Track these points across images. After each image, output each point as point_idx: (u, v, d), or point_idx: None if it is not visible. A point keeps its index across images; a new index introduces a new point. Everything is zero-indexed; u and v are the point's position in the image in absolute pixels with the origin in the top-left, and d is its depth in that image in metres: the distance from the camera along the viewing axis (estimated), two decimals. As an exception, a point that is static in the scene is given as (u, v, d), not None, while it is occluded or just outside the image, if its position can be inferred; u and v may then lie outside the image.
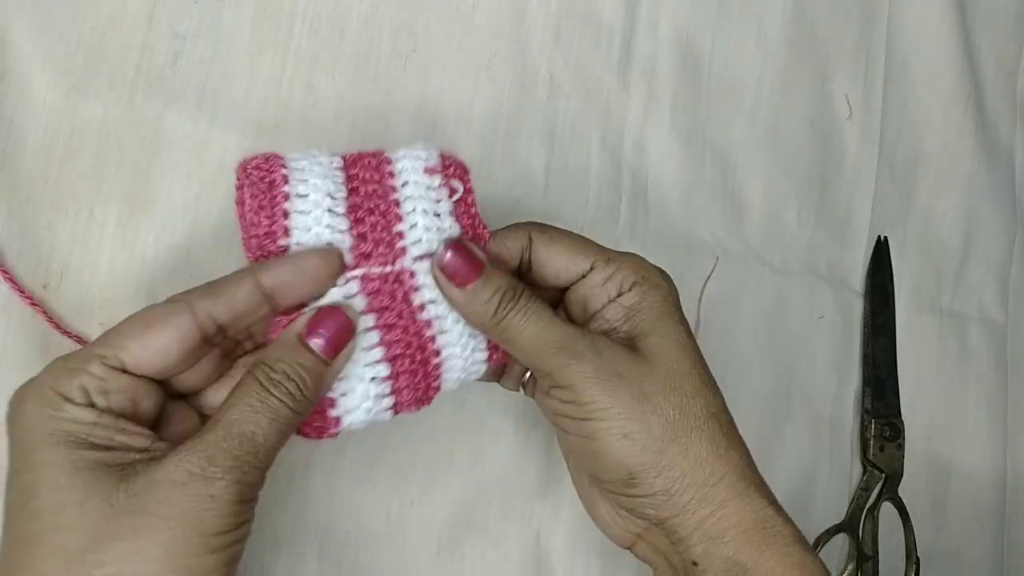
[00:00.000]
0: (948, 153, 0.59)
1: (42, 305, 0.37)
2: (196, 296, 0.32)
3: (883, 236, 0.56)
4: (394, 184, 0.36)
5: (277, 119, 0.42)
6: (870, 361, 0.55)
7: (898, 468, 0.54)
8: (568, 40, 0.48)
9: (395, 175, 0.36)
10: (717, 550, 0.34)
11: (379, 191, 0.35)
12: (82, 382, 0.29)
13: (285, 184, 0.34)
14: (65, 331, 0.37)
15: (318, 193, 0.34)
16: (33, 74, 0.38)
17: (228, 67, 0.41)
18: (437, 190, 0.36)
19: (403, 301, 0.35)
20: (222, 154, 0.41)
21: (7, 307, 0.37)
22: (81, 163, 0.38)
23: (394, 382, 0.35)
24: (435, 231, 0.35)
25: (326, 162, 0.35)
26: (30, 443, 0.29)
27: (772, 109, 0.54)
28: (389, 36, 0.44)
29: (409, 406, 0.36)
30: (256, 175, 0.34)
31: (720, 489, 0.34)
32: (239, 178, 0.35)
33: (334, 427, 0.34)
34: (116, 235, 0.39)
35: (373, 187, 0.35)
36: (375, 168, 0.36)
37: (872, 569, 0.53)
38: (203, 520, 0.28)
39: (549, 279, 0.38)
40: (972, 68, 0.60)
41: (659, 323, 0.36)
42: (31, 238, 0.38)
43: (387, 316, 0.35)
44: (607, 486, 0.36)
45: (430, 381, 0.36)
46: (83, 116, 0.38)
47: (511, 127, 0.47)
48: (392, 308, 0.35)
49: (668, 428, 0.34)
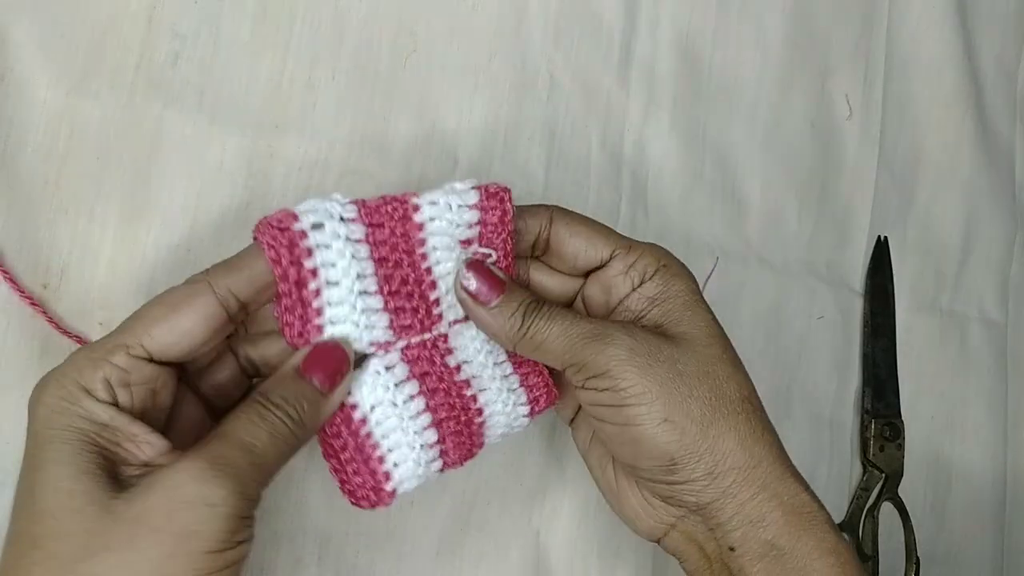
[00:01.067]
0: (948, 153, 0.59)
1: (42, 305, 0.37)
2: (216, 274, 0.31)
3: (883, 236, 0.56)
4: (423, 243, 0.34)
5: (277, 119, 0.42)
6: (870, 361, 0.55)
7: (898, 468, 0.54)
8: (568, 40, 0.48)
9: (423, 229, 0.34)
10: (756, 534, 0.34)
11: (408, 259, 0.34)
12: (105, 374, 0.29)
13: (314, 279, 0.32)
14: (65, 331, 0.37)
15: (348, 278, 0.33)
16: (33, 74, 0.38)
17: (228, 67, 0.41)
18: (467, 248, 0.35)
19: (441, 365, 0.35)
20: (222, 154, 0.41)
21: (7, 307, 0.37)
22: (81, 163, 0.38)
23: (442, 445, 0.35)
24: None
25: (347, 231, 0.32)
26: (44, 438, 0.29)
27: (772, 109, 0.54)
28: (389, 36, 0.44)
29: (455, 464, 0.36)
30: (282, 266, 0.32)
31: (760, 472, 0.34)
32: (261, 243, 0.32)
33: (389, 499, 0.34)
34: (116, 235, 0.39)
35: (401, 254, 0.34)
36: (401, 223, 0.34)
37: (872, 569, 0.53)
38: (198, 533, 0.27)
39: (566, 261, 0.38)
40: (972, 68, 0.60)
41: (687, 311, 0.36)
42: (31, 238, 0.38)
43: (429, 381, 0.35)
44: (645, 474, 0.36)
45: (475, 439, 0.36)
46: (83, 116, 0.38)
47: (511, 127, 0.47)
48: (432, 373, 0.35)
49: (707, 411, 0.34)
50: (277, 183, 0.42)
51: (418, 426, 0.34)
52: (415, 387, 0.34)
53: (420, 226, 0.34)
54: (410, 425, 0.34)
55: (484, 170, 0.46)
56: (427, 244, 0.34)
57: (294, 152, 0.42)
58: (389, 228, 0.33)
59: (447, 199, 0.34)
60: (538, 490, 0.45)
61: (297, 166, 0.42)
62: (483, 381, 0.36)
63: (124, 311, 0.39)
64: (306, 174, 0.42)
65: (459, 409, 0.35)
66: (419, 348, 0.35)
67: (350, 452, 0.34)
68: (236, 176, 0.41)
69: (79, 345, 0.38)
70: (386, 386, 0.34)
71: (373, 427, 0.34)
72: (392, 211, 0.34)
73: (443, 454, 0.35)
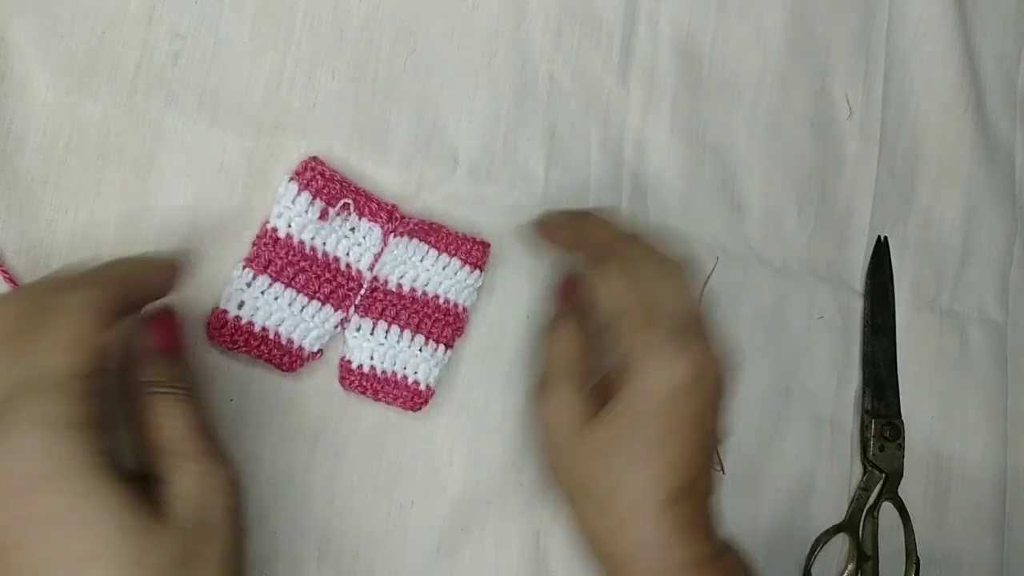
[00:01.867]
0: (948, 153, 0.59)
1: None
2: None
3: (883, 236, 0.56)
4: (301, 243, 0.40)
5: (277, 119, 0.42)
6: (870, 361, 0.55)
7: (898, 468, 0.54)
8: (568, 40, 0.48)
9: (292, 236, 0.40)
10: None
11: (305, 261, 0.40)
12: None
13: (266, 331, 0.40)
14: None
15: (284, 311, 0.40)
16: (33, 74, 0.38)
17: (228, 67, 0.41)
18: (330, 218, 0.41)
19: (391, 294, 0.43)
20: (222, 154, 0.41)
21: (7, 307, 0.37)
22: (81, 163, 0.38)
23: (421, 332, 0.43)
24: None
25: (259, 288, 0.40)
26: None
27: (772, 109, 0.54)
28: (389, 36, 0.44)
29: (446, 341, 0.44)
30: (244, 349, 0.39)
31: None
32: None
33: (428, 394, 0.43)
34: (116, 235, 0.39)
35: (299, 263, 0.40)
36: (278, 247, 0.40)
37: (872, 569, 0.53)
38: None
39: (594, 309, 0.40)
40: (972, 68, 0.60)
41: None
42: (31, 238, 0.38)
43: (390, 313, 0.42)
44: None
45: (452, 320, 0.44)
46: (83, 116, 0.38)
47: (511, 127, 0.47)
48: (389, 305, 0.42)
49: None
50: (277, 183, 0.42)
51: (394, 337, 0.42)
52: (386, 324, 0.42)
53: (289, 236, 0.40)
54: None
55: (484, 170, 0.46)
56: (304, 242, 0.40)
57: (294, 152, 0.42)
58: (277, 258, 0.39)
59: (280, 204, 0.40)
60: (538, 490, 0.45)
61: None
62: (420, 274, 0.42)
63: (124, 311, 0.39)
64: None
65: (432, 308, 0.43)
66: (367, 299, 0.42)
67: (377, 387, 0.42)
68: (236, 176, 0.41)
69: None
70: (366, 337, 0.42)
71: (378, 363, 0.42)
72: (267, 246, 0.39)
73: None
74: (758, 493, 0.51)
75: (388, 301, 0.42)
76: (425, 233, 0.42)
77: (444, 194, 0.45)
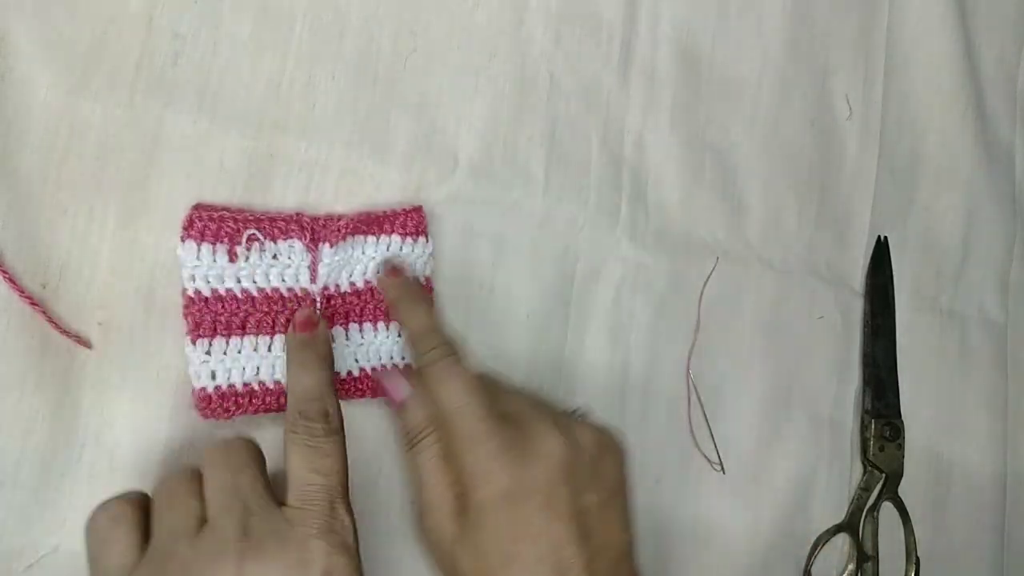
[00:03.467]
0: (948, 153, 0.59)
1: (41, 305, 0.37)
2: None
3: (883, 236, 0.56)
4: (242, 291, 0.40)
5: (277, 119, 0.42)
6: (870, 361, 0.55)
7: (898, 468, 0.54)
8: (568, 40, 0.48)
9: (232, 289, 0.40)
10: None
11: (251, 309, 0.40)
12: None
13: (249, 398, 0.40)
14: (64, 331, 0.37)
15: (257, 361, 0.40)
16: (33, 74, 0.38)
17: (228, 67, 0.41)
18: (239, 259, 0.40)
19: (342, 293, 0.42)
20: (222, 154, 0.41)
21: (7, 307, 0.37)
22: (81, 163, 0.38)
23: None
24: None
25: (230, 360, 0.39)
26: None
27: (772, 109, 0.54)
28: (389, 36, 0.44)
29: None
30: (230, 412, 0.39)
31: None
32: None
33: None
34: (116, 235, 0.39)
35: (245, 316, 0.39)
36: (208, 309, 0.39)
37: (872, 569, 0.53)
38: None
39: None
40: (972, 68, 0.60)
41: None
42: (31, 238, 0.38)
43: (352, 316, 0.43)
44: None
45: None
46: (83, 116, 0.38)
47: (511, 127, 0.47)
48: (340, 308, 0.42)
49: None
50: (277, 183, 0.42)
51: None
52: (356, 324, 0.42)
53: (214, 291, 0.39)
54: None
55: (484, 170, 0.46)
56: (231, 289, 0.39)
57: (294, 152, 0.42)
58: (216, 316, 0.39)
59: (187, 266, 0.38)
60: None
61: (297, 166, 0.42)
62: (367, 265, 0.41)
63: (124, 311, 0.39)
64: (306, 174, 0.42)
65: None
66: (327, 309, 0.41)
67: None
68: (236, 176, 0.41)
69: (79, 345, 0.38)
70: (343, 345, 0.41)
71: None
72: (198, 311, 0.38)
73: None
74: (758, 493, 0.51)
75: (348, 303, 0.41)
76: (354, 226, 0.40)
77: (444, 194, 0.45)
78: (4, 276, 0.37)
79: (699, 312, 0.50)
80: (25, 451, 0.37)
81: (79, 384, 0.38)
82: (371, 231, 0.41)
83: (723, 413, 0.50)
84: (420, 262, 0.42)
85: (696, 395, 0.50)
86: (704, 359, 0.50)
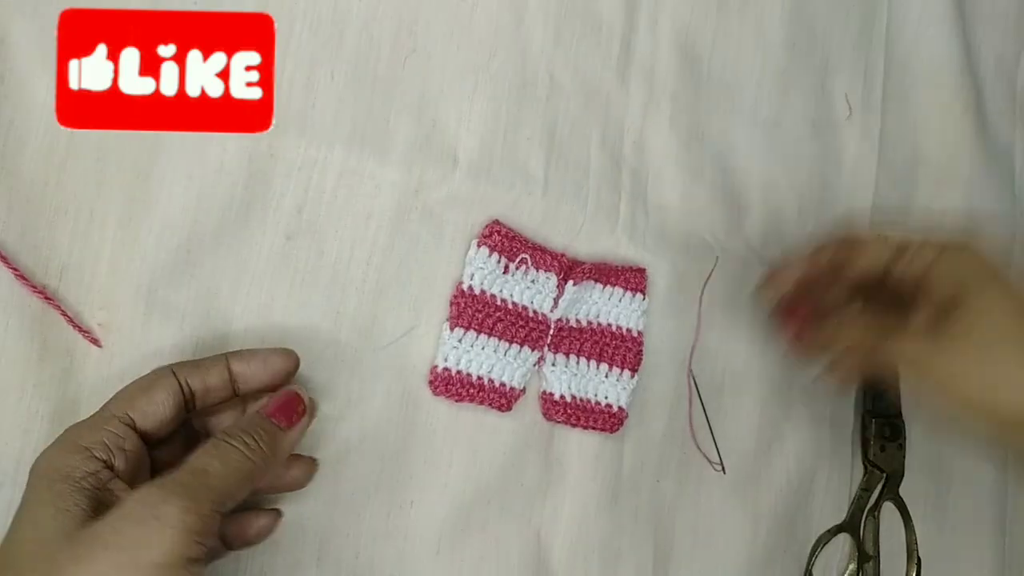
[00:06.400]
0: (948, 153, 0.59)
1: (49, 301, 0.37)
2: (177, 366, 0.36)
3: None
4: (493, 296, 0.45)
5: (277, 119, 0.42)
6: (870, 361, 0.55)
7: (899, 468, 0.54)
8: (568, 40, 0.48)
9: (484, 291, 0.45)
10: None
11: (495, 315, 0.45)
12: (103, 438, 0.33)
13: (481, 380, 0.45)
14: (78, 326, 0.38)
15: (493, 359, 0.45)
16: (33, 75, 0.38)
17: (228, 67, 0.41)
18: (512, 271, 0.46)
19: (572, 327, 0.47)
20: (222, 154, 0.41)
21: (6, 307, 0.37)
22: (81, 163, 0.38)
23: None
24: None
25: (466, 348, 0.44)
26: (33, 483, 0.32)
27: (772, 109, 0.54)
28: (389, 36, 0.44)
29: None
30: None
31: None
32: None
33: (622, 415, 0.47)
34: (116, 235, 0.39)
35: (482, 317, 0.44)
36: (472, 300, 0.44)
37: (873, 569, 0.53)
38: (147, 545, 0.29)
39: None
40: (972, 68, 0.59)
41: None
42: (31, 238, 0.38)
43: (573, 344, 0.47)
44: None
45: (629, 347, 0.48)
46: (83, 116, 0.38)
47: (511, 127, 0.47)
48: (571, 339, 0.47)
49: None
50: (277, 183, 0.42)
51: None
52: (576, 356, 0.47)
53: (482, 291, 0.44)
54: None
55: (483, 170, 0.46)
56: (495, 295, 0.44)
57: (294, 152, 0.42)
58: (476, 312, 0.44)
59: (472, 265, 0.44)
60: (538, 490, 0.45)
61: (297, 166, 0.42)
62: (592, 307, 0.47)
63: (124, 311, 0.39)
64: (306, 174, 0.42)
65: (609, 336, 0.47)
66: (556, 337, 0.46)
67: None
68: (236, 176, 0.41)
69: (91, 343, 0.38)
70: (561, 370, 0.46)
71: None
72: (464, 302, 0.44)
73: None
74: (758, 493, 0.51)
75: (573, 336, 0.46)
76: (592, 272, 0.46)
77: (444, 194, 0.45)
78: (15, 273, 0.37)
79: (699, 312, 0.50)
80: (25, 451, 0.37)
81: (79, 384, 0.38)
82: (601, 280, 0.47)
83: (723, 413, 0.50)
84: (635, 316, 0.47)
85: (697, 395, 0.50)
86: (704, 359, 0.50)
